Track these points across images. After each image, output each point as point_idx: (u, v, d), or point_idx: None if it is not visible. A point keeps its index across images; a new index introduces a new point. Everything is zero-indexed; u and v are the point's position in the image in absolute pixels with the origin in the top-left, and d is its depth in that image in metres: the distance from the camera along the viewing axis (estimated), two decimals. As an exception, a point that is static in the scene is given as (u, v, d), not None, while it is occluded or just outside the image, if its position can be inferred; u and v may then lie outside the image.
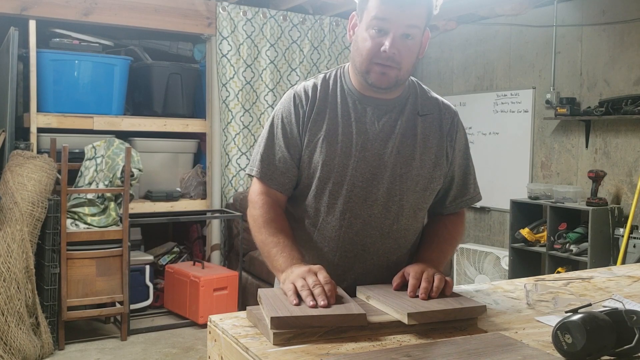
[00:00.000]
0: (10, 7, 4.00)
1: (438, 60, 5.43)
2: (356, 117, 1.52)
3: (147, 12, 4.44)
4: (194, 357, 3.79)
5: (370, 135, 1.51)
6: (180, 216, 4.63)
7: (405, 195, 1.53)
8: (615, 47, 4.02)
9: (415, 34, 1.45)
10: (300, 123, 1.54)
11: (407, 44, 1.44)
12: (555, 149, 4.42)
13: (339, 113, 1.53)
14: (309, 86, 1.57)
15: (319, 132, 1.52)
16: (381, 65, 1.45)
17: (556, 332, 1.07)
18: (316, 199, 1.53)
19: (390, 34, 1.42)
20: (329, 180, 1.50)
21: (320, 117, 1.53)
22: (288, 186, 1.56)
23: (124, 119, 4.54)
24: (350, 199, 1.50)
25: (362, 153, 1.50)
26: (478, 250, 4.75)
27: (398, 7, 1.41)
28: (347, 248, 1.53)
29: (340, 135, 1.51)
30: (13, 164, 3.81)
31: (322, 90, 1.56)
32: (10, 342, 3.33)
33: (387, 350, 1.12)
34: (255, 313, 1.28)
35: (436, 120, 1.58)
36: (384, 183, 1.51)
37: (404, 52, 1.44)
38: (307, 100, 1.54)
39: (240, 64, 4.82)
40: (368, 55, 1.45)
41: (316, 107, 1.54)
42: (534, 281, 1.69)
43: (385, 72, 1.46)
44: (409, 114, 1.55)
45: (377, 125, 1.52)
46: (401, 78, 1.49)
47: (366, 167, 1.50)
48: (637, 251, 3.70)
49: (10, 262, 3.42)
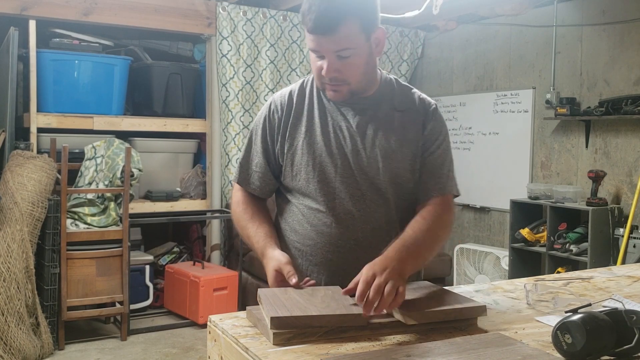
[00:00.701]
0: (10, 7, 4.00)
1: (438, 60, 5.43)
2: (333, 118, 1.58)
3: (147, 12, 4.44)
4: (194, 357, 3.79)
5: (348, 134, 1.56)
6: (180, 216, 4.63)
7: (388, 187, 1.56)
8: (615, 47, 4.02)
9: (351, 53, 1.47)
10: (276, 130, 1.62)
11: (346, 62, 1.48)
12: (555, 149, 4.42)
13: (316, 115, 1.59)
14: (286, 93, 1.65)
15: (299, 136, 1.58)
16: (329, 84, 1.52)
17: (556, 332, 1.07)
18: (305, 199, 1.59)
19: (326, 59, 1.48)
20: (314, 179, 1.56)
21: (299, 122, 1.60)
22: (265, 189, 1.66)
23: (124, 119, 4.54)
24: (337, 196, 1.55)
25: (342, 150, 1.55)
26: (478, 250, 4.75)
27: (322, 37, 1.45)
28: (339, 244, 1.56)
29: (319, 136, 1.57)
30: (13, 164, 3.81)
31: (298, 95, 1.63)
32: (10, 342, 3.33)
33: (387, 350, 1.12)
34: (255, 313, 1.28)
35: (414, 114, 1.60)
36: (366, 178, 1.55)
37: (345, 70, 1.49)
38: (283, 107, 1.62)
39: (240, 64, 4.82)
40: (317, 77, 1.54)
41: (293, 112, 1.61)
42: (534, 281, 1.70)
43: (335, 89, 1.53)
44: (385, 109, 1.59)
45: (354, 123, 1.57)
46: (355, 89, 1.54)
47: (348, 163, 1.55)
48: (637, 251, 3.70)
49: (10, 262, 3.42)
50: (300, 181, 1.58)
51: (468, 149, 5.08)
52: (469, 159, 5.05)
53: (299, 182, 1.58)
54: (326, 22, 1.43)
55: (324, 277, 1.57)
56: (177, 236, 5.29)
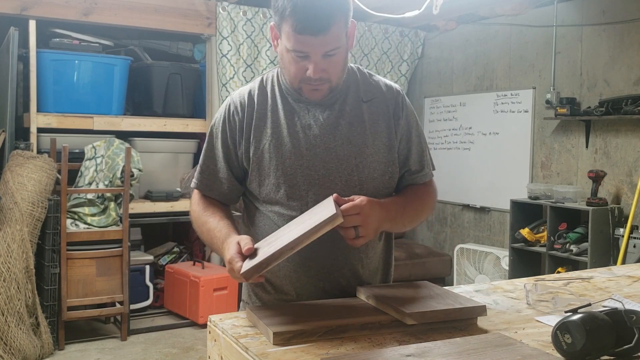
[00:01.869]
0: (10, 7, 4.00)
1: (438, 60, 5.43)
2: (299, 116, 1.50)
3: (147, 12, 4.44)
4: (194, 357, 3.79)
5: (316, 131, 1.49)
6: (180, 216, 4.63)
7: (365, 184, 1.49)
8: (615, 47, 4.02)
9: (337, 51, 1.41)
10: (238, 132, 1.52)
11: (331, 60, 1.42)
12: (555, 149, 4.42)
13: (281, 115, 1.50)
14: (245, 93, 1.55)
15: (264, 138, 1.49)
16: (310, 85, 1.44)
17: (556, 332, 1.07)
18: (274, 206, 1.50)
19: (312, 59, 1.40)
20: (284, 183, 1.47)
21: (263, 123, 1.51)
22: (229, 195, 1.57)
23: (124, 119, 4.54)
24: (309, 197, 1.47)
25: (312, 150, 1.48)
26: (478, 250, 4.75)
27: (313, 37, 1.36)
28: (315, 247, 1.48)
29: (286, 137, 1.48)
30: (13, 164, 3.81)
31: (259, 94, 1.53)
32: (10, 342, 3.33)
33: (387, 350, 1.12)
34: (255, 313, 1.28)
35: (382, 103, 1.54)
36: (340, 176, 1.48)
37: (330, 69, 1.43)
38: (244, 108, 1.52)
39: (240, 64, 4.82)
40: (295, 78, 1.44)
41: (256, 112, 1.51)
42: (534, 281, 1.70)
43: (316, 88, 1.45)
44: (352, 102, 1.52)
45: (321, 119, 1.49)
46: (335, 85, 1.48)
47: (320, 163, 1.48)
48: (637, 251, 3.69)
49: (10, 262, 3.42)
50: (268, 186, 1.49)
51: (468, 149, 5.08)
52: (469, 159, 5.06)
53: (267, 187, 1.49)
54: (318, 22, 1.35)
55: (299, 283, 1.50)
56: (177, 236, 5.29)
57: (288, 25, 1.37)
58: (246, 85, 1.59)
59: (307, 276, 1.50)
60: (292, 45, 1.38)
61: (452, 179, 5.12)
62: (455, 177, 5.10)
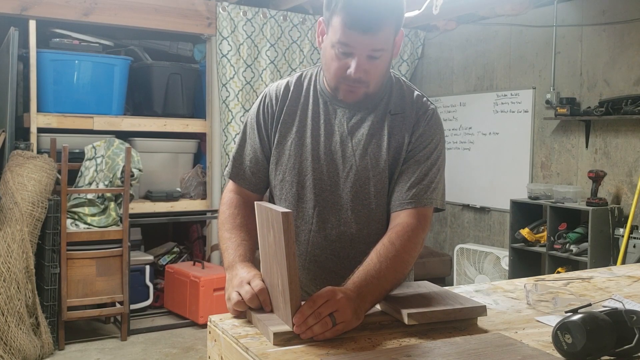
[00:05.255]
0: (10, 7, 4.00)
1: (438, 60, 5.43)
2: (326, 119, 1.50)
3: (147, 12, 4.44)
4: (194, 357, 3.79)
5: (338, 138, 1.48)
6: (180, 216, 4.63)
7: (374, 198, 1.47)
8: (615, 47, 4.02)
9: (382, 54, 1.39)
10: (269, 123, 1.54)
11: (374, 64, 1.39)
12: (555, 149, 4.42)
13: (309, 115, 1.51)
14: (282, 86, 1.56)
15: (289, 135, 1.51)
16: (348, 85, 1.42)
17: (556, 332, 1.07)
18: (285, 202, 1.51)
19: (355, 57, 1.37)
20: (297, 184, 1.49)
21: (290, 119, 1.52)
22: (260, 185, 1.58)
23: (124, 119, 4.54)
24: (318, 203, 1.47)
25: (329, 156, 1.48)
26: (478, 250, 4.75)
27: (361, 34, 1.34)
28: (316, 253, 1.50)
29: (308, 138, 1.49)
30: (13, 164, 3.81)
31: (294, 90, 1.55)
32: (10, 342, 3.33)
33: (387, 350, 1.12)
34: (255, 313, 1.27)
35: (404, 119, 1.49)
36: (351, 187, 1.47)
37: (371, 72, 1.40)
38: (277, 101, 1.54)
39: (240, 64, 4.82)
40: (335, 75, 1.42)
41: (286, 107, 1.53)
42: (534, 281, 1.69)
43: (353, 90, 1.43)
44: (380, 113, 1.50)
45: (346, 126, 1.49)
46: (371, 92, 1.45)
47: (333, 170, 1.48)
48: (637, 251, 3.69)
49: (10, 262, 3.42)
50: (282, 182, 1.51)
51: (468, 149, 5.08)
52: (469, 159, 5.06)
53: (280, 183, 1.51)
54: (369, 20, 1.32)
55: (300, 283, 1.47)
56: (177, 236, 5.29)
57: (339, 18, 1.35)
58: (284, 78, 1.60)
59: (309, 279, 1.52)
60: (338, 38, 1.36)
61: (452, 179, 5.11)
62: (455, 177, 5.10)
